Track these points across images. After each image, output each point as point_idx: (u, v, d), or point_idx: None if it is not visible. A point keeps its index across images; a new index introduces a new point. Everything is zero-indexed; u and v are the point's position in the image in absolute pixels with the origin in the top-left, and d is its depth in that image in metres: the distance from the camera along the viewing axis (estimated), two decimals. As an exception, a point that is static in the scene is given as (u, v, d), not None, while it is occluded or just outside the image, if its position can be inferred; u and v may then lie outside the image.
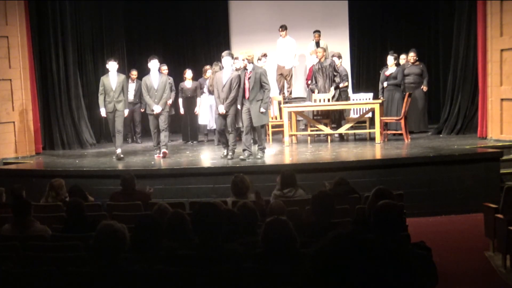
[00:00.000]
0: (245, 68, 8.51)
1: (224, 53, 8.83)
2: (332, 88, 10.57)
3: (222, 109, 8.59)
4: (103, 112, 9.42)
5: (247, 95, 8.41)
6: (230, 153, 8.67)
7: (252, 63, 8.53)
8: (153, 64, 9.28)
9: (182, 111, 11.57)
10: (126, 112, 9.54)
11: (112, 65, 9.32)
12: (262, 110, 8.40)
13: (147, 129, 10.68)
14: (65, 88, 11.30)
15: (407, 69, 10.98)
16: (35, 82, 10.69)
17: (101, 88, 9.33)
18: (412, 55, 11.02)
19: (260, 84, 8.37)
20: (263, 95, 8.37)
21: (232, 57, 8.93)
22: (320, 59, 10.65)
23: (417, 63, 11.10)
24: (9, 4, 10.07)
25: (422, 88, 11.00)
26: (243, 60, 8.47)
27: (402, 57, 11.31)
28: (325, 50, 10.84)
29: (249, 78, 8.37)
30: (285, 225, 3.41)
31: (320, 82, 10.66)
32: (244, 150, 8.53)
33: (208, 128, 11.50)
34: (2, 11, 10.01)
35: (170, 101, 11.06)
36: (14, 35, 10.14)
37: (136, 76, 11.74)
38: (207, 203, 3.89)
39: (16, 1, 10.14)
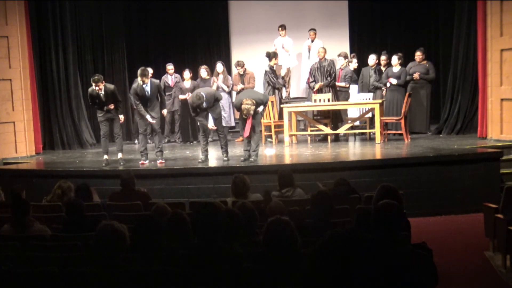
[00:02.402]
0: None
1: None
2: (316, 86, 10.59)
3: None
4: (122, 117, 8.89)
5: (246, 134, 8.27)
6: (224, 154, 8.64)
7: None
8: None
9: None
10: (122, 118, 8.87)
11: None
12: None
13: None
14: (65, 88, 11.31)
15: (412, 68, 10.84)
16: (35, 82, 10.69)
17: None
18: (418, 54, 10.84)
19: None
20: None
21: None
22: (320, 59, 10.65)
23: (424, 62, 10.90)
24: (9, 4, 10.07)
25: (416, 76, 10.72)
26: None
27: (382, 58, 11.22)
28: (325, 50, 10.80)
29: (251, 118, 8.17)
30: (287, 225, 3.40)
31: (319, 81, 10.66)
32: (245, 150, 8.52)
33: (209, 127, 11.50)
34: (2, 11, 10.02)
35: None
36: (14, 35, 10.14)
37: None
38: (207, 203, 3.88)
39: (16, 1, 10.15)
